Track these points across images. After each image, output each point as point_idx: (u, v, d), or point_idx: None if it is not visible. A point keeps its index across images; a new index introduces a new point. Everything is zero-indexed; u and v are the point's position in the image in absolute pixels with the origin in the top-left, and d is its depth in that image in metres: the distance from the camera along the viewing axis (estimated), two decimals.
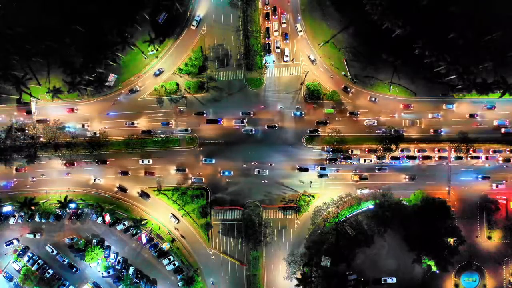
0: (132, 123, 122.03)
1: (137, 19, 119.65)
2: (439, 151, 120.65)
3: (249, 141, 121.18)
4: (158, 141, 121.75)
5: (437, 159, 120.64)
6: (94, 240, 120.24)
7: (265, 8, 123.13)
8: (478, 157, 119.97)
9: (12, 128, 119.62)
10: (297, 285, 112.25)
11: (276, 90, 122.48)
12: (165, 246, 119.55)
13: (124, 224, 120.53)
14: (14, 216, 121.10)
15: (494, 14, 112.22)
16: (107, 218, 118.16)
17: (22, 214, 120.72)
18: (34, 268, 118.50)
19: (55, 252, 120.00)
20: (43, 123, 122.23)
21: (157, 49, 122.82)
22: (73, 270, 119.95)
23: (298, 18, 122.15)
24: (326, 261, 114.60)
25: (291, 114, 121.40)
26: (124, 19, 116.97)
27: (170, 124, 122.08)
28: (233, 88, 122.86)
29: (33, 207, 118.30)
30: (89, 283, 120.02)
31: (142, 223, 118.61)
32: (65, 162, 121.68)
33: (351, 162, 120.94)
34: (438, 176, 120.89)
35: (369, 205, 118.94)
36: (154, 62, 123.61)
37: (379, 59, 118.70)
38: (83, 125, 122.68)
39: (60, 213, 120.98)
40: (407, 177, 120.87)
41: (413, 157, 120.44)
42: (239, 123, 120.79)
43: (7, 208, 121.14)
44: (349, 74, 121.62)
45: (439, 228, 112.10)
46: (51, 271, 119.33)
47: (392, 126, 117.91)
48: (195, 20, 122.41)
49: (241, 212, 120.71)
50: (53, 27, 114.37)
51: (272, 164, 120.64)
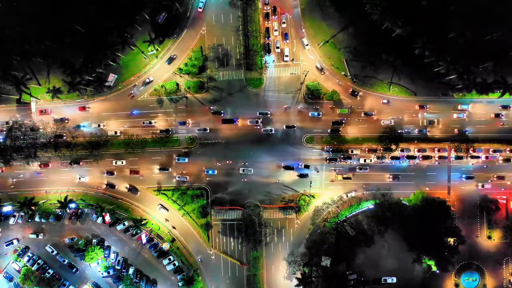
0: (150, 122, 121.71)
1: (137, 19, 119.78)
2: (439, 151, 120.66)
3: (250, 142, 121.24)
4: (158, 141, 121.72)
5: (437, 159, 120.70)
6: (94, 240, 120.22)
7: (265, 8, 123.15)
8: (478, 157, 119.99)
9: (13, 128, 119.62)
10: (297, 285, 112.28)
11: (276, 90, 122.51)
12: (165, 246, 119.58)
13: (124, 224, 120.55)
14: (14, 216, 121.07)
15: (494, 14, 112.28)
16: (107, 218, 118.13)
17: (22, 214, 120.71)
18: (34, 268, 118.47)
19: (55, 252, 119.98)
20: (62, 123, 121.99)
21: (157, 49, 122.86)
22: (73, 270, 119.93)
23: (302, 30, 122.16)
24: (326, 261, 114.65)
25: (309, 114, 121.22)
26: (124, 19, 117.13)
27: (187, 124, 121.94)
28: (233, 88, 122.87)
29: (33, 207, 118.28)
30: (89, 283, 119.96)
31: (142, 223, 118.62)
32: (40, 163, 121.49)
33: (351, 162, 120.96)
34: (438, 176, 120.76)
35: (369, 205, 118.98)
36: (154, 62, 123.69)
37: (379, 59, 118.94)
38: (99, 125, 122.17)
39: (60, 213, 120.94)
40: (391, 177, 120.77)
41: (413, 157, 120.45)
42: (254, 123, 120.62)
43: (7, 208, 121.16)
44: (349, 74, 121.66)
45: (439, 228, 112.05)
46: (51, 271, 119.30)
47: (393, 127, 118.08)
48: (201, 2, 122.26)
49: (241, 212, 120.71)
50: (53, 27, 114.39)
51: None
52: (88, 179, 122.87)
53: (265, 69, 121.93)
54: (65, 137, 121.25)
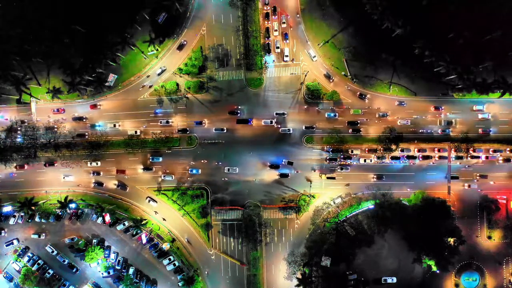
0: (167, 122, 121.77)
1: (137, 19, 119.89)
2: (439, 151, 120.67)
3: (251, 141, 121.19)
4: (158, 141, 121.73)
5: (437, 159, 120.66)
6: (94, 240, 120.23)
7: (265, 8, 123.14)
8: (478, 157, 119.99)
9: (12, 128, 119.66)
10: (297, 285, 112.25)
11: (276, 90, 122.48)
12: (165, 246, 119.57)
13: (124, 224, 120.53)
14: (14, 216, 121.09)
15: (494, 14, 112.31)
16: (107, 218, 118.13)
17: (22, 214, 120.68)
18: (34, 268, 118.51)
19: (55, 252, 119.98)
20: (79, 121, 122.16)
21: (157, 49, 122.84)
22: (73, 270, 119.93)
23: (308, 43, 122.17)
24: (326, 261, 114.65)
25: (325, 115, 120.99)
26: (124, 19, 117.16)
27: (203, 124, 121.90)
28: (233, 88, 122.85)
29: (33, 207, 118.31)
30: (89, 283, 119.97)
31: (142, 223, 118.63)
32: (16, 165, 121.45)
33: (351, 162, 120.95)
34: (437, 176, 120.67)
35: (369, 205, 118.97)
36: (154, 62, 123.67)
37: (379, 59, 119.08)
38: (114, 125, 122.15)
39: (60, 213, 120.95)
40: (375, 177, 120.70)
41: (413, 157, 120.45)
42: (268, 123, 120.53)
43: (7, 208, 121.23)
44: (349, 74, 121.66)
45: (439, 228, 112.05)
46: (51, 271, 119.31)
47: (393, 127, 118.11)
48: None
49: (241, 212, 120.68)
50: (53, 28, 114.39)
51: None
52: (72, 178, 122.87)
53: (265, 69, 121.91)
54: (87, 136, 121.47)
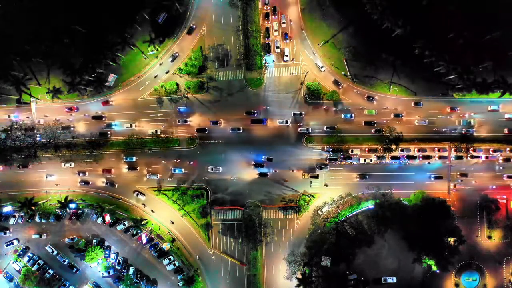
0: (185, 121, 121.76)
1: (137, 19, 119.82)
2: (439, 151, 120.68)
3: (251, 142, 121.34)
4: (158, 141, 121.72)
5: (437, 159, 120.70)
6: (94, 240, 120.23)
7: (265, 8, 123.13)
8: (478, 157, 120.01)
9: (12, 128, 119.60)
10: (298, 285, 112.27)
11: (276, 90, 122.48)
12: (165, 246, 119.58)
13: (124, 224, 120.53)
14: (14, 217, 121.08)
15: (494, 14, 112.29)
16: (107, 218, 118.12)
17: (22, 215, 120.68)
18: (34, 268, 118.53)
19: (55, 252, 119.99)
20: (99, 120, 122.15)
21: (157, 49, 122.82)
22: (73, 270, 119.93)
23: (315, 54, 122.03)
24: (327, 261, 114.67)
25: (342, 116, 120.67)
26: (124, 19, 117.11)
27: (220, 123, 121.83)
28: (233, 88, 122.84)
29: (33, 207, 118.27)
30: (90, 283, 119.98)
31: (142, 223, 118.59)
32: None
33: (351, 162, 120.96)
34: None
35: (369, 205, 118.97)
36: (154, 62, 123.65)
37: (379, 59, 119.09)
38: (131, 125, 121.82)
39: (60, 213, 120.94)
40: (358, 176, 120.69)
41: (413, 157, 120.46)
42: (283, 124, 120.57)
43: (7, 208, 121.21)
44: (349, 74, 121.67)
45: (439, 228, 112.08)
46: (51, 271, 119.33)
47: (391, 127, 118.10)
48: None
49: (241, 212, 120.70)
50: (53, 28, 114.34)
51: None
52: (55, 178, 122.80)
53: (265, 69, 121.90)
54: (109, 135, 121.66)
